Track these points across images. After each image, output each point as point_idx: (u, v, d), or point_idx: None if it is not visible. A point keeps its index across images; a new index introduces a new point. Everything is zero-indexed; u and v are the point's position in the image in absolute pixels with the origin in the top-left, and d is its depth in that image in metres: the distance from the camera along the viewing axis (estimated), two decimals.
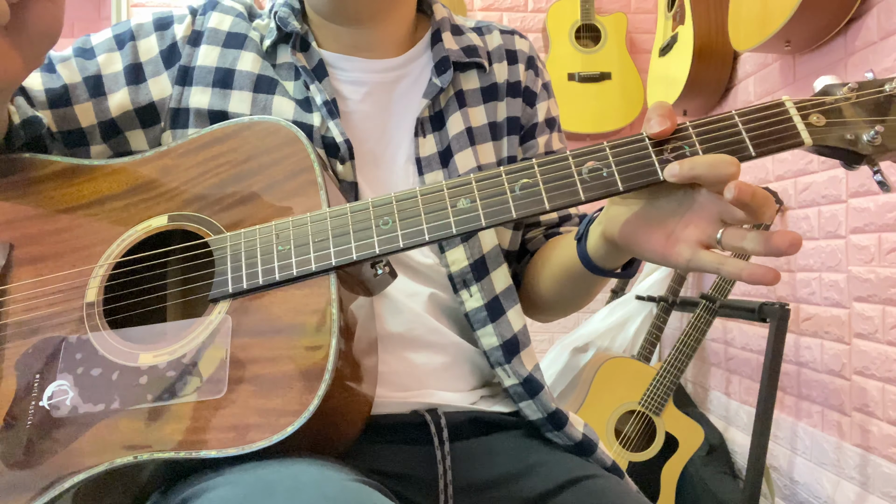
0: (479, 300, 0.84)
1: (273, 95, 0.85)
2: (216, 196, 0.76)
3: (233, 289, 0.71)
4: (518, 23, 3.06)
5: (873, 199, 1.69)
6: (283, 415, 0.64)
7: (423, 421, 0.80)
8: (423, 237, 0.69)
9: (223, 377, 0.67)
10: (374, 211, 0.71)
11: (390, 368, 0.81)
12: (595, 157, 0.69)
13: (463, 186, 0.70)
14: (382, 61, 0.90)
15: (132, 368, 0.70)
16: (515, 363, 0.84)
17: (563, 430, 0.85)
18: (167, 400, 0.68)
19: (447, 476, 0.79)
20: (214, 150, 0.78)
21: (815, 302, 1.94)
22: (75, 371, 0.71)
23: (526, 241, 0.97)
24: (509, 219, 0.69)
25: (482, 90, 0.92)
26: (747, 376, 2.31)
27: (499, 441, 0.83)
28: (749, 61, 2.30)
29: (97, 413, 0.69)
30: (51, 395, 0.71)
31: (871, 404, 1.71)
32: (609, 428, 2.15)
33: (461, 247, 0.84)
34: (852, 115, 0.68)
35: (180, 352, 0.69)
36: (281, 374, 0.66)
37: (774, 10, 1.78)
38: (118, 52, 0.87)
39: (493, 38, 0.97)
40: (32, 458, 0.69)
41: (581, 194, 0.68)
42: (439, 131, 0.88)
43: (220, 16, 0.90)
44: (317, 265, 0.70)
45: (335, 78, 0.88)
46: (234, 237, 0.73)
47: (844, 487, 1.81)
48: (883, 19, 1.64)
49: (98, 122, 0.85)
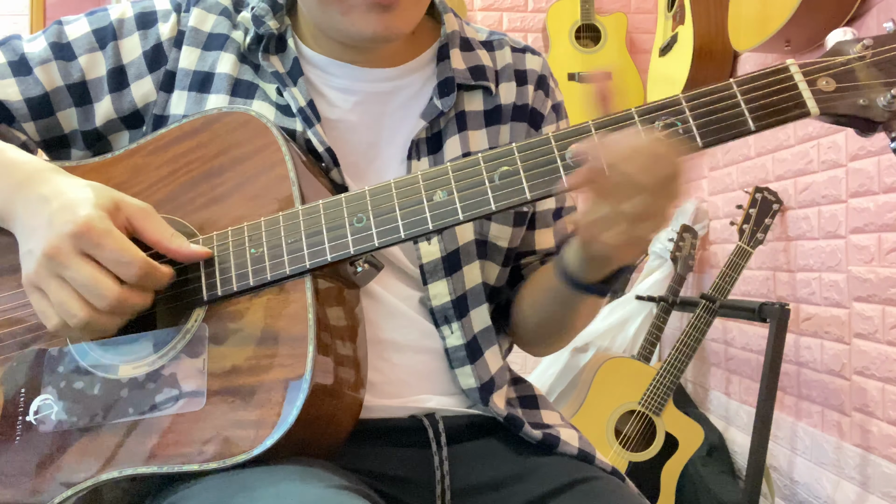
0: (458, 338, 0.81)
1: (252, 100, 0.81)
2: (188, 196, 0.74)
3: (207, 296, 0.69)
4: (518, 23, 3.06)
5: (873, 199, 1.69)
6: (262, 426, 0.63)
7: (421, 426, 0.79)
8: (398, 234, 0.66)
9: (202, 389, 0.67)
10: (347, 208, 0.68)
11: (386, 377, 0.79)
12: (578, 139, 0.64)
13: (440, 178, 0.66)
14: (378, 70, 0.84)
15: (113, 381, 0.69)
16: (491, 405, 0.81)
17: (557, 450, 0.82)
18: (149, 413, 0.67)
19: (445, 481, 0.78)
20: (184, 146, 0.75)
21: (815, 302, 1.94)
22: (58, 384, 0.71)
23: (521, 267, 0.92)
24: (489, 211, 0.65)
25: (485, 113, 0.86)
26: (747, 376, 2.31)
27: (497, 444, 0.82)
28: (749, 61, 2.30)
29: (81, 427, 0.69)
30: (36, 409, 0.70)
31: (871, 404, 1.71)
32: (609, 428, 2.15)
33: (444, 281, 0.80)
34: (867, 78, 0.61)
35: (159, 363, 0.69)
36: (259, 385, 0.65)
37: (774, 10, 1.78)
38: (100, 53, 0.82)
39: (503, 55, 0.90)
40: (21, 477, 0.68)
41: (564, 182, 0.64)
42: (435, 154, 0.82)
43: (202, 14, 0.84)
44: (291, 268, 0.67)
45: (322, 82, 0.83)
46: (207, 241, 0.71)
47: (844, 487, 1.80)
48: (883, 19, 1.64)
49: (81, 130, 0.82)
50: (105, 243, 0.65)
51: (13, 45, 0.82)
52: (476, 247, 0.83)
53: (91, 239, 0.64)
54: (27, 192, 0.70)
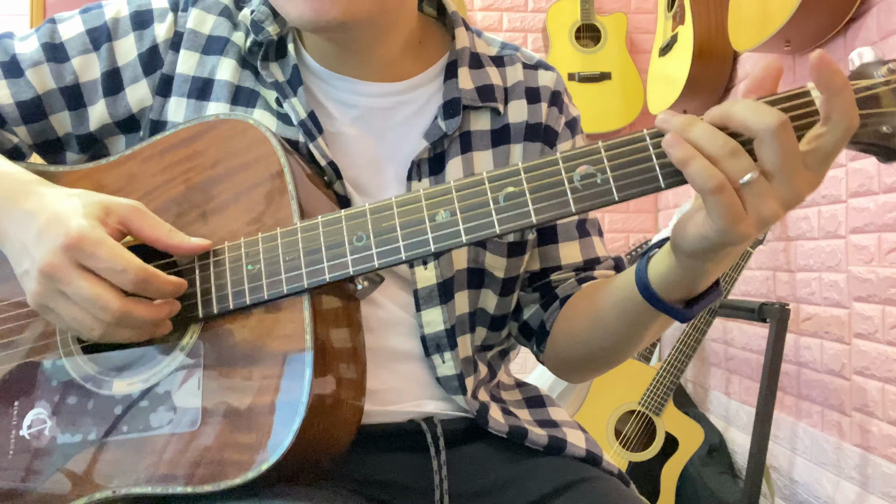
0: (451, 368, 0.78)
1: (254, 109, 0.77)
2: (183, 207, 0.71)
3: (203, 313, 0.67)
4: (518, 23, 3.06)
5: (873, 199, 1.69)
6: (257, 450, 0.62)
7: (419, 430, 0.78)
8: (399, 255, 0.64)
9: (196, 409, 0.65)
10: (347, 226, 0.65)
11: (386, 385, 0.77)
12: (588, 161, 0.61)
13: (443, 197, 0.64)
14: (379, 85, 0.80)
15: (107, 397, 0.68)
16: (492, 423, 0.80)
17: (565, 452, 0.81)
18: (143, 432, 0.66)
19: (444, 485, 0.77)
20: (180, 154, 0.72)
21: (815, 302, 1.94)
22: (52, 399, 0.69)
23: (551, 285, 0.85)
24: (492, 234, 0.62)
25: (492, 133, 0.82)
26: (747, 376, 2.31)
27: (496, 447, 0.80)
28: (749, 61, 2.30)
29: (75, 444, 0.68)
30: (30, 423, 0.69)
31: (871, 404, 1.71)
32: (609, 428, 2.15)
33: (439, 308, 0.77)
34: (891, 104, 0.57)
35: (153, 380, 0.67)
36: (255, 407, 0.64)
37: (774, 10, 1.78)
38: (94, 55, 0.78)
39: (514, 71, 0.86)
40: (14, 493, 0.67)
41: (571, 205, 0.61)
42: (436, 176, 0.79)
43: (201, 14, 0.80)
44: (288, 287, 0.65)
45: (322, 93, 0.80)
46: (202, 257, 0.69)
47: (844, 487, 1.80)
48: (883, 19, 1.64)
49: (75, 133, 0.80)
50: (98, 252, 0.62)
51: (4, 45, 0.79)
52: (472, 275, 0.80)
53: (84, 249, 0.62)
54: (11, 208, 0.67)
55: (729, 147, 0.57)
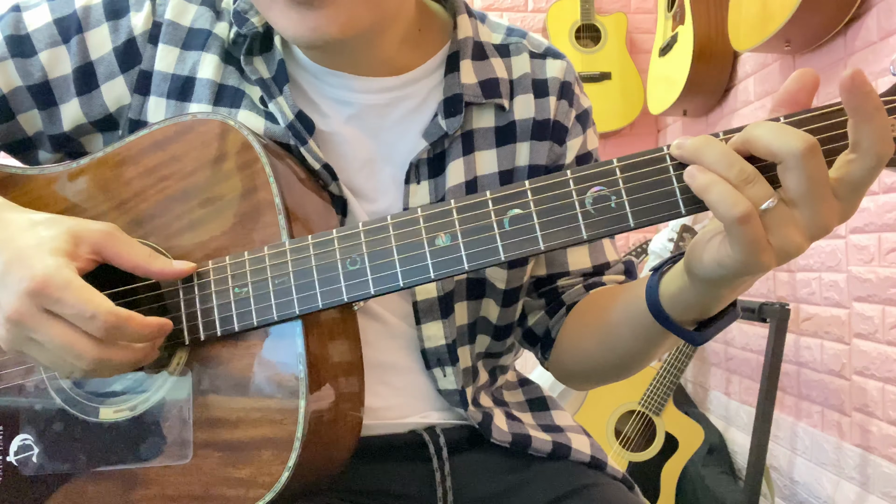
0: (452, 383, 0.76)
1: (238, 109, 0.72)
2: (162, 219, 0.66)
3: (189, 339, 0.63)
4: (518, 23, 3.06)
5: (873, 199, 1.69)
6: (252, 486, 0.60)
7: (422, 440, 0.76)
8: (396, 282, 0.59)
9: (188, 440, 0.62)
10: (339, 249, 0.60)
11: (386, 402, 0.75)
12: (602, 182, 0.55)
13: (443, 219, 0.58)
14: (376, 80, 0.74)
15: (94, 424, 0.66)
16: (495, 432, 0.78)
17: (570, 458, 0.80)
18: (132, 463, 0.63)
19: (448, 496, 0.76)
20: (156, 158, 0.66)
21: (815, 302, 1.94)
22: (38, 425, 0.67)
23: (558, 291, 0.81)
24: (497, 261, 0.57)
25: (497, 130, 0.76)
26: (747, 376, 2.31)
27: (500, 452, 0.79)
28: (749, 61, 2.30)
29: (64, 474, 0.65)
30: (16, 449, 0.67)
31: (871, 404, 1.71)
32: (609, 428, 2.15)
33: (440, 322, 0.74)
34: None
35: (141, 408, 0.65)
36: (248, 440, 0.61)
37: (774, 11, 1.78)
38: (63, 48, 0.72)
39: (520, 62, 0.79)
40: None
41: (583, 231, 0.55)
42: (436, 178, 0.74)
43: (180, 4, 0.73)
44: (279, 314, 0.61)
45: (313, 89, 0.74)
46: (187, 279, 0.64)
47: (844, 487, 1.81)
48: (883, 19, 1.64)
49: (48, 133, 0.74)
50: (65, 298, 0.56)
51: None
52: (472, 286, 0.77)
53: (50, 295, 0.56)
54: None
55: (746, 173, 0.51)
